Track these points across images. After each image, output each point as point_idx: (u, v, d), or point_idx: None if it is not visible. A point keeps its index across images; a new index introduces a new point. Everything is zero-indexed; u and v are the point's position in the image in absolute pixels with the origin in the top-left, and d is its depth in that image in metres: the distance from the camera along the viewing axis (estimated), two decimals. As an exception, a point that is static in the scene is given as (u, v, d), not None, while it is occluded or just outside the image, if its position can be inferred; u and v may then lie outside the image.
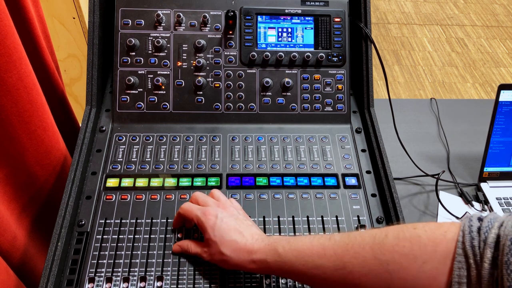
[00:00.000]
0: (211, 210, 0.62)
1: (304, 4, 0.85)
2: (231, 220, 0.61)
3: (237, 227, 0.60)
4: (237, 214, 0.63)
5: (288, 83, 0.83)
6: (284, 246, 0.55)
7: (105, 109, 0.83)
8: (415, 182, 1.00)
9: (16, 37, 0.66)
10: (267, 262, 0.56)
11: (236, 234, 0.59)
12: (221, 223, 0.60)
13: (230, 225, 0.60)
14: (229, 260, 0.58)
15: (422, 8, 3.28)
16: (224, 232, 0.59)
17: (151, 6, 0.82)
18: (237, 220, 0.61)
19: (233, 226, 0.60)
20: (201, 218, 0.61)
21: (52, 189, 0.83)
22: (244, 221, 0.61)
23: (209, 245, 0.60)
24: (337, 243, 0.52)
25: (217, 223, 0.60)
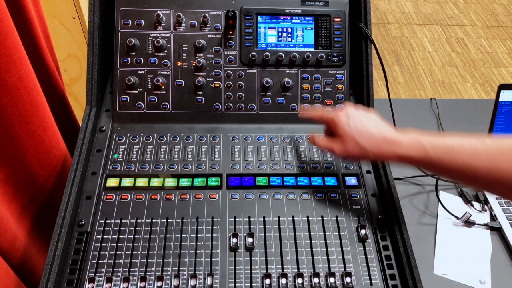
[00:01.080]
0: (344, 109, 0.67)
1: (304, 4, 0.85)
2: (362, 117, 0.65)
3: (370, 121, 0.64)
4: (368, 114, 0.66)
5: (288, 83, 0.83)
6: (431, 142, 0.58)
7: (105, 109, 0.83)
8: (415, 182, 1.00)
9: (16, 37, 0.66)
10: (412, 158, 0.59)
11: (372, 128, 0.63)
12: (354, 118, 0.64)
13: (363, 119, 0.64)
14: (368, 154, 0.62)
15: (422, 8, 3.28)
16: (359, 124, 0.63)
17: (151, 6, 0.82)
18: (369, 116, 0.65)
19: (367, 121, 0.64)
20: (334, 117, 0.66)
21: (52, 189, 0.83)
22: (376, 120, 0.65)
23: (344, 140, 0.64)
24: (491, 146, 0.55)
25: (350, 118, 0.64)
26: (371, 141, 0.62)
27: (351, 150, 0.64)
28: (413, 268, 0.64)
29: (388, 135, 0.62)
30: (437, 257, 0.85)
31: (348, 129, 0.64)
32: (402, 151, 0.60)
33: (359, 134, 0.63)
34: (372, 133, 0.63)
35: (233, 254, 0.66)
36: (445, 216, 0.92)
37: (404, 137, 0.60)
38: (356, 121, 0.64)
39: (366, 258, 0.67)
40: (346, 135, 0.64)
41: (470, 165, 0.55)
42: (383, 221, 0.71)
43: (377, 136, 0.62)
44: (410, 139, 0.60)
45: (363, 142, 0.62)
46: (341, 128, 0.65)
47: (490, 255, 0.86)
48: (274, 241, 0.67)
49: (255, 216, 0.70)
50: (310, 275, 0.64)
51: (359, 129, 0.63)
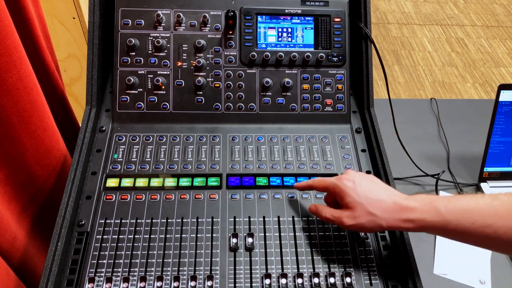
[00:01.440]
0: (347, 176, 0.62)
1: (304, 4, 0.85)
2: (369, 182, 0.61)
3: (379, 187, 0.60)
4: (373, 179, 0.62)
5: (288, 83, 0.83)
6: (446, 205, 0.55)
7: (105, 109, 0.83)
8: (415, 182, 1.00)
9: (16, 37, 0.66)
10: (425, 221, 0.56)
11: (382, 193, 0.59)
12: (360, 185, 0.60)
13: (371, 186, 0.60)
14: (378, 220, 0.57)
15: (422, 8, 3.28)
16: (368, 192, 0.59)
17: (151, 6, 0.82)
18: (375, 182, 0.61)
19: (375, 187, 0.60)
20: (338, 184, 0.61)
21: (52, 189, 0.83)
22: (382, 183, 0.61)
23: (353, 207, 0.59)
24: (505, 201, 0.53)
25: (356, 185, 0.60)
26: (383, 209, 0.58)
27: (363, 220, 0.59)
28: (413, 268, 0.64)
29: (400, 201, 0.58)
30: (437, 257, 0.85)
31: (357, 198, 0.59)
32: (417, 216, 0.56)
33: (369, 202, 0.59)
34: (383, 200, 0.58)
35: (233, 254, 0.66)
36: (445, 216, 0.92)
37: (416, 202, 0.57)
38: (364, 188, 0.60)
39: (366, 258, 0.67)
40: (355, 204, 0.59)
41: (490, 225, 0.53)
42: (383, 221, 0.71)
43: (389, 203, 0.58)
44: (423, 203, 0.57)
45: (375, 210, 0.58)
46: (349, 196, 0.60)
47: (490, 255, 0.86)
48: (274, 241, 0.67)
49: (255, 216, 0.70)
50: (310, 275, 0.64)
51: (369, 197, 0.59)
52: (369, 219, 0.58)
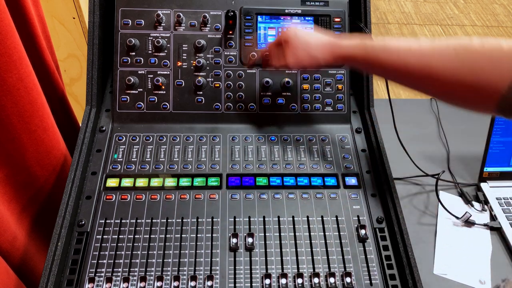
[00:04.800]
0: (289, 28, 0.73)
1: (304, 4, 0.85)
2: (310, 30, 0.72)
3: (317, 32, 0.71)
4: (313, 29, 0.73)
5: (288, 83, 0.83)
6: (372, 43, 0.63)
7: (105, 109, 0.83)
8: (415, 182, 1.00)
9: (16, 37, 0.66)
10: (354, 56, 0.65)
11: (319, 35, 0.69)
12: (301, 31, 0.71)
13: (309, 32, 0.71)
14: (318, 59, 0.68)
15: (422, 8, 3.28)
16: (306, 35, 0.69)
17: (151, 6, 0.82)
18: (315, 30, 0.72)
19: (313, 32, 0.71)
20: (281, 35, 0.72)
21: (52, 189, 0.83)
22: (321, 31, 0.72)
23: (296, 51, 0.69)
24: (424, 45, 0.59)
25: (298, 31, 0.70)
26: (320, 47, 0.68)
27: (303, 58, 0.69)
28: (413, 268, 0.64)
29: (334, 40, 0.67)
30: (437, 257, 0.85)
31: (297, 40, 0.69)
32: (347, 51, 0.65)
33: (308, 42, 0.69)
34: (319, 39, 0.68)
35: (233, 254, 0.66)
36: (445, 216, 0.92)
37: (349, 40, 0.66)
38: (303, 32, 0.70)
39: (366, 258, 0.67)
40: (296, 45, 0.69)
41: (404, 62, 0.59)
42: (383, 221, 0.71)
43: (325, 41, 0.68)
44: (353, 41, 0.66)
45: (312, 49, 0.68)
46: (291, 40, 0.70)
47: (490, 255, 0.86)
48: (274, 241, 0.67)
49: (255, 216, 0.70)
50: (310, 275, 0.64)
51: (307, 39, 0.69)
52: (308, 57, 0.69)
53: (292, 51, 0.70)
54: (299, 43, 0.70)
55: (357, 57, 0.65)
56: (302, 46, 0.69)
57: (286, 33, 0.72)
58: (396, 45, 0.61)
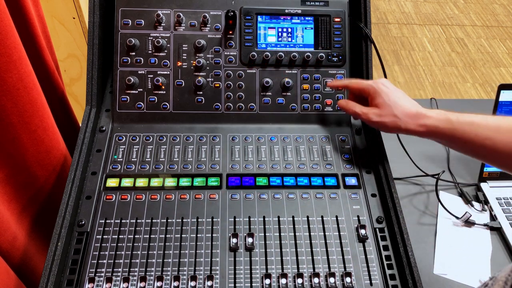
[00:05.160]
0: (383, 81, 0.73)
1: (304, 4, 0.85)
2: (400, 92, 0.72)
3: (405, 97, 0.71)
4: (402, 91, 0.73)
5: (288, 83, 0.83)
6: (457, 117, 0.65)
7: (105, 109, 0.83)
8: (415, 182, 1.00)
9: (16, 37, 0.66)
10: (438, 128, 0.66)
11: (407, 102, 0.70)
12: (392, 91, 0.71)
13: (400, 95, 0.71)
14: (399, 122, 0.69)
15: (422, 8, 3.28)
16: (397, 98, 0.70)
17: (151, 6, 0.82)
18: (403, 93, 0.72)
19: (403, 96, 0.71)
20: (374, 86, 0.73)
21: (52, 189, 0.83)
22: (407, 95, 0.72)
23: (382, 107, 0.71)
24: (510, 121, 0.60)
25: (389, 90, 0.71)
26: (405, 114, 0.69)
27: (387, 120, 0.70)
28: (413, 268, 0.64)
29: (421, 110, 0.69)
30: (437, 257, 0.85)
31: (388, 100, 0.70)
32: (431, 123, 0.67)
33: (396, 106, 0.69)
34: (407, 107, 0.69)
35: (233, 254, 0.66)
36: (445, 216, 0.92)
37: (433, 112, 0.68)
38: (394, 95, 0.71)
39: (366, 258, 0.67)
40: (384, 104, 0.70)
41: (492, 138, 0.60)
42: (383, 221, 0.71)
43: (412, 110, 0.69)
44: (438, 113, 0.67)
45: (398, 114, 0.69)
46: (381, 98, 0.71)
47: (490, 255, 0.86)
48: (274, 241, 0.67)
49: (255, 216, 0.70)
50: (310, 275, 0.64)
51: (397, 102, 0.70)
52: (392, 120, 0.69)
53: (379, 108, 0.71)
54: (389, 103, 0.70)
55: (442, 130, 0.66)
56: (390, 108, 0.70)
57: (379, 88, 0.72)
58: (484, 122, 0.62)
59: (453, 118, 0.65)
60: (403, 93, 0.73)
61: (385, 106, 0.70)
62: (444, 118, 0.66)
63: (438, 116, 0.66)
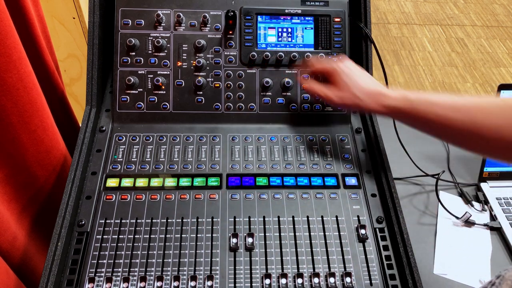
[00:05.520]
0: (345, 64, 0.74)
1: (304, 4, 0.85)
2: (360, 72, 0.72)
3: (366, 77, 0.72)
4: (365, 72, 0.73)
5: (288, 83, 0.83)
6: (417, 96, 0.65)
7: (105, 109, 0.83)
8: (415, 182, 1.00)
9: (16, 37, 0.66)
10: (397, 107, 0.66)
11: (368, 82, 0.71)
12: (353, 71, 0.72)
13: (360, 74, 0.72)
14: (359, 102, 0.69)
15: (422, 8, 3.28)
16: (357, 78, 0.71)
17: (151, 6, 0.82)
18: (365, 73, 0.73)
19: (363, 75, 0.72)
20: (335, 67, 0.73)
21: (52, 189, 0.83)
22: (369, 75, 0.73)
23: (342, 89, 0.71)
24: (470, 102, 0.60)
25: (350, 71, 0.72)
26: (365, 93, 0.69)
27: (347, 98, 0.71)
28: (413, 268, 0.64)
29: (381, 90, 0.69)
30: (437, 257, 0.85)
31: (348, 80, 0.71)
32: (391, 102, 0.67)
33: (357, 85, 0.70)
34: (368, 86, 0.70)
35: (233, 254, 0.66)
36: (445, 216, 0.92)
37: (393, 92, 0.68)
38: (355, 74, 0.72)
39: (366, 258, 0.67)
40: (345, 85, 0.71)
41: (449, 117, 0.61)
42: (383, 221, 0.71)
43: (372, 89, 0.70)
44: (398, 93, 0.67)
45: (358, 93, 0.69)
46: (342, 78, 0.71)
47: (490, 255, 0.86)
48: (274, 241, 0.67)
49: (255, 216, 0.70)
50: (310, 275, 0.64)
51: (357, 82, 0.70)
52: (353, 100, 0.70)
53: (339, 88, 0.72)
54: (349, 83, 0.71)
55: (402, 110, 0.66)
56: (350, 88, 0.71)
57: (340, 69, 0.73)
58: (441, 101, 0.63)
59: (413, 97, 0.66)
60: (366, 73, 0.73)
61: (346, 86, 0.71)
62: (404, 98, 0.66)
63: (398, 96, 0.67)
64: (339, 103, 0.72)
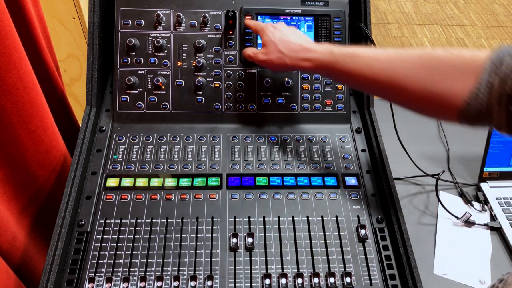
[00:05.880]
0: (272, 24, 0.76)
1: (304, 4, 0.85)
2: (288, 30, 0.73)
3: (294, 34, 0.72)
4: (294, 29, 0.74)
5: (288, 83, 0.83)
6: (340, 50, 0.65)
7: (105, 109, 0.83)
8: (415, 182, 1.00)
9: (16, 37, 0.66)
10: (321, 61, 0.66)
11: (293, 38, 0.71)
12: (280, 30, 0.73)
13: (287, 32, 0.72)
14: (284, 58, 0.70)
15: (422, 8, 3.28)
16: (282, 35, 0.71)
17: (151, 6, 0.82)
18: (294, 31, 0.73)
19: (290, 33, 0.72)
20: (263, 26, 0.75)
21: (52, 189, 0.83)
22: (299, 33, 0.73)
23: (268, 45, 0.72)
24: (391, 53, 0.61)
25: (276, 29, 0.73)
26: (290, 49, 0.69)
27: (272, 56, 0.71)
28: (413, 268, 0.64)
29: (306, 45, 0.69)
30: (437, 257, 0.85)
31: (273, 38, 0.71)
32: (315, 56, 0.67)
33: (281, 42, 0.70)
34: (292, 42, 0.70)
35: (233, 254, 0.66)
36: (445, 216, 0.92)
37: (318, 46, 0.68)
38: (281, 32, 0.72)
39: (366, 258, 0.67)
40: (269, 43, 0.72)
41: (371, 68, 0.61)
42: (383, 221, 0.71)
43: (296, 44, 0.69)
44: (323, 47, 0.67)
45: (283, 49, 0.70)
46: (267, 36, 0.72)
47: (490, 255, 0.86)
48: (274, 241, 0.67)
49: (255, 216, 0.70)
50: (310, 275, 0.64)
51: (282, 39, 0.71)
52: (277, 56, 0.70)
53: (266, 48, 0.72)
54: (274, 40, 0.71)
55: (325, 63, 0.66)
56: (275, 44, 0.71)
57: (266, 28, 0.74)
58: (364, 52, 0.63)
59: (336, 50, 0.65)
60: (296, 31, 0.73)
61: (271, 43, 0.72)
62: (327, 51, 0.66)
63: (322, 50, 0.67)
64: (265, 60, 0.73)
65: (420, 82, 0.57)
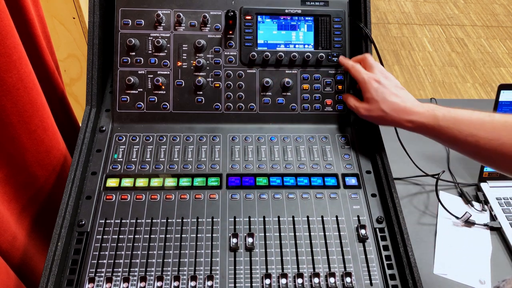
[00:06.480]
0: (376, 77, 0.74)
1: (304, 4, 0.85)
2: (392, 87, 0.73)
3: (397, 92, 0.72)
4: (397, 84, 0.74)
5: (288, 83, 0.83)
6: (444, 114, 0.66)
7: (105, 109, 0.83)
8: (415, 182, 1.00)
9: (16, 37, 0.66)
10: (424, 124, 0.68)
11: (397, 98, 0.71)
12: (384, 86, 0.73)
13: (391, 91, 0.72)
14: (386, 117, 0.71)
15: (422, 8, 3.28)
16: (386, 95, 0.72)
17: (151, 6, 0.82)
18: (397, 88, 0.73)
19: (394, 91, 0.72)
20: (366, 80, 0.74)
21: (52, 189, 0.83)
22: (402, 90, 0.73)
23: (370, 103, 0.73)
24: (496, 120, 0.61)
25: (380, 85, 0.73)
26: (393, 109, 0.70)
27: (374, 114, 0.73)
28: (413, 268, 0.64)
29: (410, 106, 0.70)
30: (437, 257, 0.85)
31: (376, 97, 0.72)
32: (418, 119, 0.68)
33: (384, 101, 0.71)
34: (396, 103, 0.71)
35: (233, 254, 0.66)
36: (445, 216, 0.92)
37: (422, 108, 0.69)
38: (385, 90, 0.72)
39: (366, 258, 0.67)
40: (373, 100, 0.73)
41: (474, 135, 0.61)
42: (383, 221, 0.71)
43: (401, 106, 0.70)
44: (426, 110, 0.68)
45: (386, 109, 0.71)
46: (370, 93, 0.73)
47: (490, 255, 0.86)
48: (274, 241, 0.67)
49: (255, 216, 0.70)
50: (310, 275, 0.64)
51: (385, 98, 0.71)
52: (379, 114, 0.72)
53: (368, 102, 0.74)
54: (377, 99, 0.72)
55: (428, 127, 0.67)
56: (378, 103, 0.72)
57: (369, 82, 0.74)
58: (468, 118, 0.63)
59: (439, 114, 0.66)
60: (396, 86, 0.73)
61: (374, 101, 0.73)
62: (431, 115, 0.67)
63: (425, 113, 0.68)
64: (367, 116, 0.75)
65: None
